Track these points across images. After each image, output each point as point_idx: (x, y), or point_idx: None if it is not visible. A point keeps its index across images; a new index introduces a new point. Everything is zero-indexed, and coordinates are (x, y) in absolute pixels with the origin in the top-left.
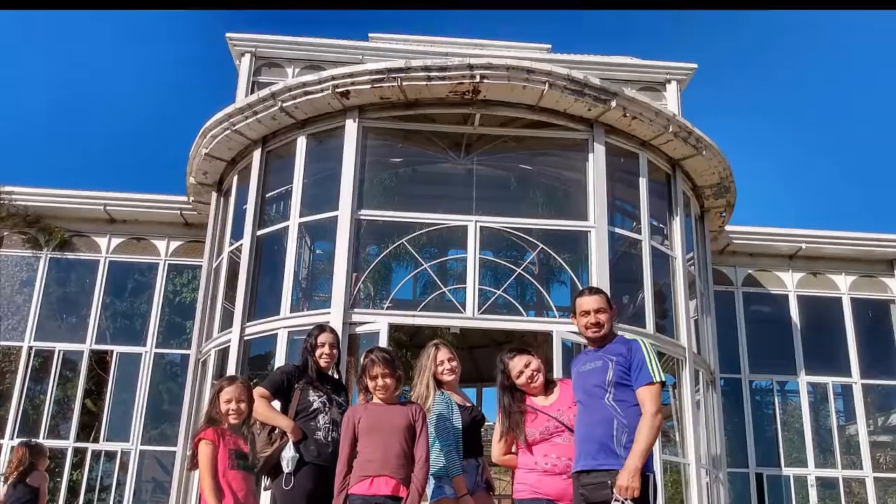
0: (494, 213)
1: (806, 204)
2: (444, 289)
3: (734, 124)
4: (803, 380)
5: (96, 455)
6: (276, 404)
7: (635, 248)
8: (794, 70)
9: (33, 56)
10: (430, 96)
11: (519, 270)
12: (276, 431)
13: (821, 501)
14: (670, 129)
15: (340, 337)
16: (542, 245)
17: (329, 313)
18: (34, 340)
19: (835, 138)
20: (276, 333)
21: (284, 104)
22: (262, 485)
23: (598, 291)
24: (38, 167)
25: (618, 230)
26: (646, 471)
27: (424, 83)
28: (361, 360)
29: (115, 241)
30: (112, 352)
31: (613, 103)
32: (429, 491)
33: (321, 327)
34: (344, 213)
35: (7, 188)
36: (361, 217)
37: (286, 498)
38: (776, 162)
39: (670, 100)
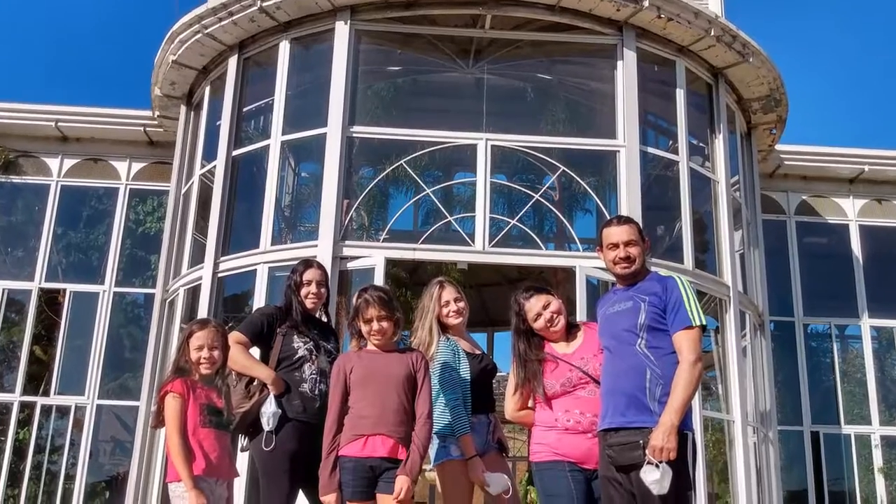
0: (508, 129)
1: (869, 119)
2: (450, 218)
3: (785, 26)
4: (866, 323)
5: (46, 410)
6: (255, 352)
7: (671, 171)
8: None
9: None
10: None
11: (536, 196)
12: (255, 383)
13: (886, 464)
14: (712, 33)
15: (329, 273)
16: (563, 167)
17: (316, 246)
18: None
19: None
20: (255, 269)
21: (265, 4)
22: (239, 445)
23: (628, 221)
24: None
25: (651, 150)
26: (683, 429)
27: None
28: (354, 300)
29: (69, 163)
30: (65, 291)
31: (646, 2)
32: (432, 452)
33: (307, 262)
34: (333, 130)
35: None
36: (354, 134)
37: (267, 460)
38: (834, 71)
39: None
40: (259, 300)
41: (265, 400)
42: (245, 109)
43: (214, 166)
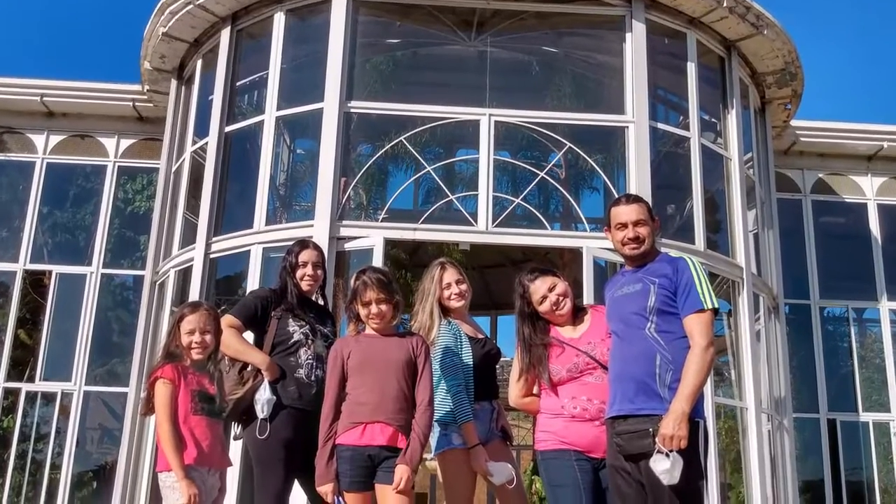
0: (512, 105)
1: (889, 94)
2: (452, 196)
3: None
4: (885, 306)
5: (31, 397)
6: (249, 336)
7: (682, 148)
8: None
9: None
10: None
11: (542, 174)
12: (249, 369)
13: None
14: (724, 4)
15: (326, 255)
16: (569, 144)
17: (312, 226)
18: None
19: None
20: (249, 250)
21: None
22: (232, 433)
23: (637, 200)
24: None
25: (661, 126)
26: (695, 416)
27: None
28: (351, 282)
29: (55, 139)
30: (50, 272)
31: None
32: (433, 440)
33: (303, 243)
34: (330, 106)
35: None
36: (352, 110)
37: (261, 448)
38: (852, 43)
39: None
40: (253, 282)
41: (259, 386)
42: (238, 84)
43: (206, 143)
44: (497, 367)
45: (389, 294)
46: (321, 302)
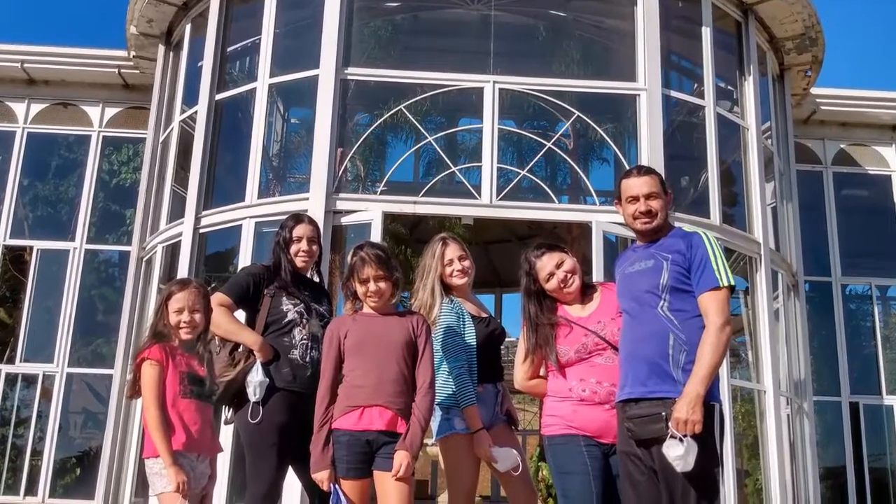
0: (518, 71)
1: None
2: (454, 168)
3: None
4: None
5: (11, 379)
6: (241, 315)
7: (697, 117)
8: None
9: None
10: None
11: (549, 145)
12: (241, 350)
13: None
14: None
15: (322, 229)
16: (578, 113)
17: (307, 199)
18: None
19: None
20: (241, 225)
21: None
22: (223, 417)
23: (649, 171)
24: None
25: (674, 94)
26: (710, 399)
27: None
28: (349, 258)
29: (36, 108)
30: (31, 248)
31: None
32: (434, 425)
33: (297, 217)
34: (326, 72)
35: None
36: (348, 77)
37: (253, 433)
38: (875, 5)
39: None
40: (245, 258)
41: (251, 368)
42: (229, 49)
43: (196, 112)
44: (502, 347)
45: (388, 271)
46: (317, 279)
